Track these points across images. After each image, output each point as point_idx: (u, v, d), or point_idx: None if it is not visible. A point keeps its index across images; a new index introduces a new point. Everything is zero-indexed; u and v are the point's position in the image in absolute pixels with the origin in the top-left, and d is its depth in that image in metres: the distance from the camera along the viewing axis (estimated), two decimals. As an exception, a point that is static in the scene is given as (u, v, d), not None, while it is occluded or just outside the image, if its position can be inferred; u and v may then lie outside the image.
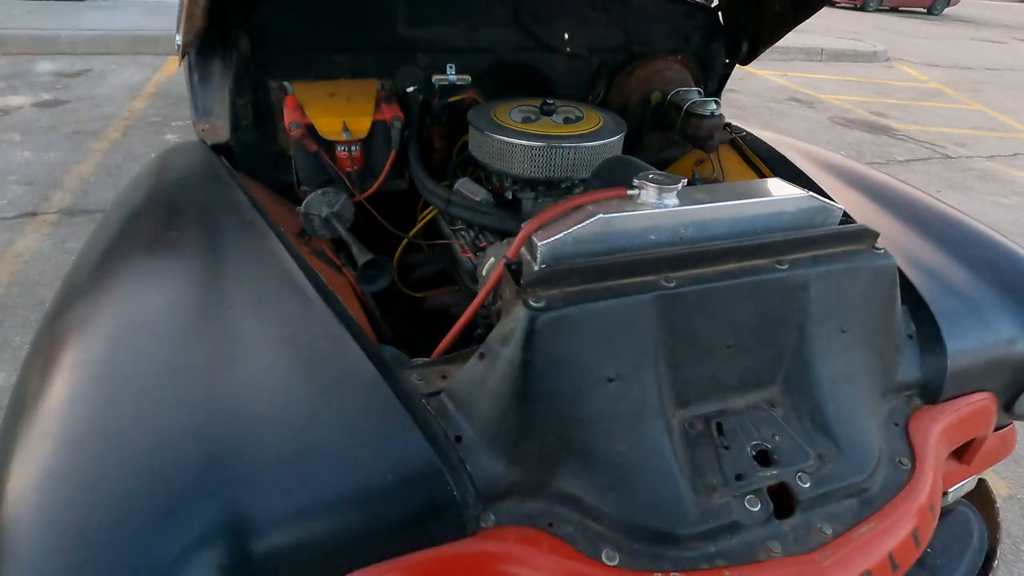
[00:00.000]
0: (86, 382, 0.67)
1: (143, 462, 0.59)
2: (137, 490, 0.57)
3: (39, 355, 0.74)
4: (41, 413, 0.64)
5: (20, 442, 0.62)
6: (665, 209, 0.76)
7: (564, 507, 0.70)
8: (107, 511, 0.55)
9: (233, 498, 0.58)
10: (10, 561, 0.53)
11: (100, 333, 0.74)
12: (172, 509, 0.56)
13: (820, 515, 0.72)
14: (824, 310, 0.80)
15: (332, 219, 1.10)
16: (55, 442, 0.61)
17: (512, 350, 0.67)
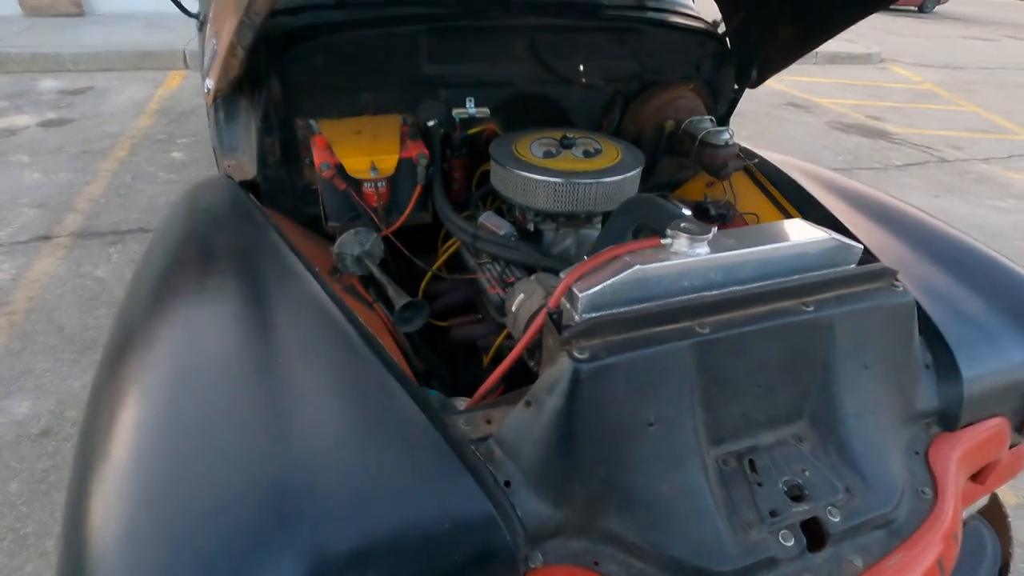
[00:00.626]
0: (152, 438, 0.70)
1: (215, 520, 0.62)
2: (213, 548, 0.60)
3: (103, 408, 0.77)
4: (112, 470, 0.67)
5: (95, 500, 0.65)
6: (697, 258, 0.79)
7: (608, 546, 0.73)
8: (186, 570, 0.58)
9: (303, 551, 0.61)
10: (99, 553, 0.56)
11: (159, 386, 0.77)
12: (248, 563, 0.59)
13: (851, 547, 0.76)
14: (848, 348, 0.84)
15: (364, 257, 1.14)
16: (131, 502, 0.64)
17: (557, 399, 0.71)
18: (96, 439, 0.73)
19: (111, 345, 0.90)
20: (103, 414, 0.76)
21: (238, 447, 0.69)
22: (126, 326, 0.93)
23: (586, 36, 1.44)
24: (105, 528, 0.62)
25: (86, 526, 0.63)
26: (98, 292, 2.34)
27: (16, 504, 1.50)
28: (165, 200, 3.06)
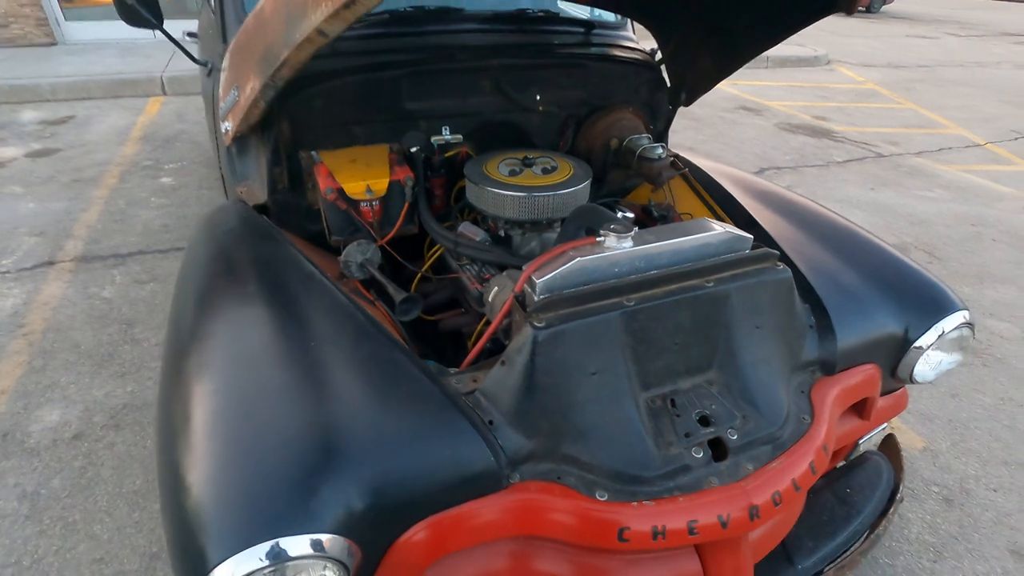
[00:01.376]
0: (222, 406, 0.94)
1: (280, 453, 0.86)
2: (281, 471, 0.84)
3: (176, 389, 1.00)
4: (195, 431, 0.90)
5: (188, 450, 0.89)
6: (623, 250, 1.06)
7: (568, 465, 0.99)
8: (266, 485, 0.83)
9: (346, 474, 0.85)
10: (205, 529, 0.80)
11: (221, 369, 1.01)
12: (309, 481, 0.84)
13: (745, 457, 1.03)
14: (742, 313, 1.12)
15: (366, 264, 1.38)
16: (217, 445, 0.87)
17: (524, 357, 0.97)
18: (176, 412, 0.96)
19: (171, 345, 1.13)
20: (178, 394, 0.99)
21: (291, 407, 0.93)
22: (180, 328, 1.16)
23: (541, 72, 1.71)
24: (201, 468, 0.86)
25: (182, 469, 0.86)
26: (107, 311, 2.52)
27: (61, 497, 1.70)
28: (160, 223, 3.25)
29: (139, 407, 2.03)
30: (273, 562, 0.77)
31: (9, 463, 1.80)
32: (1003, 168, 4.71)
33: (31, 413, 1.99)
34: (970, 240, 3.48)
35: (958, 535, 1.71)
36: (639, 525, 0.93)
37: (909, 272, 1.40)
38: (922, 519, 1.75)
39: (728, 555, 1.03)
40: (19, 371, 2.17)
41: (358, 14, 0.85)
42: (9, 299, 2.57)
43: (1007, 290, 2.97)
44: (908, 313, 1.32)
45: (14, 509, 1.66)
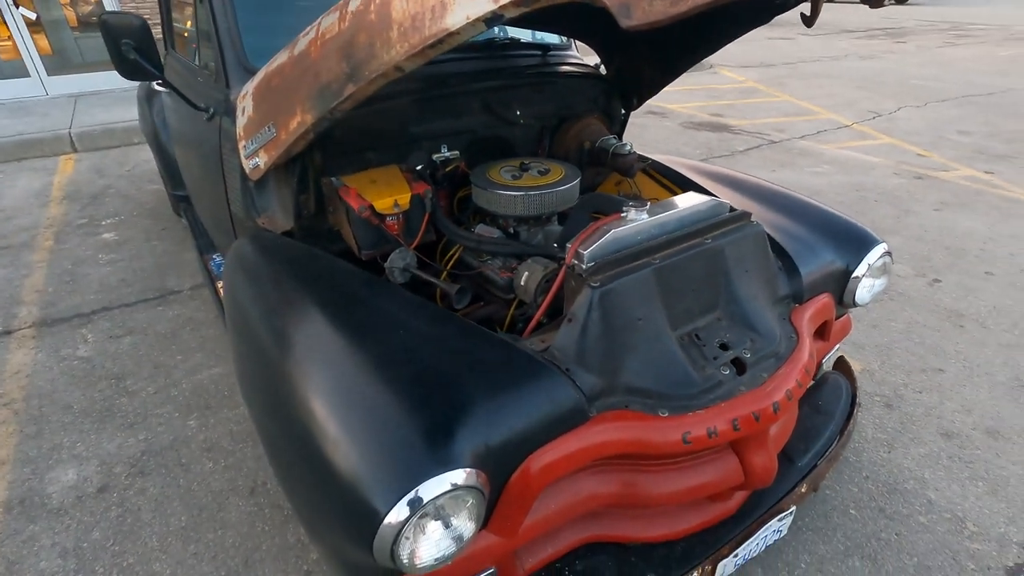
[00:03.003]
0: (344, 388, 1.08)
1: (410, 411, 1.02)
2: (417, 426, 1.00)
3: (291, 400, 1.12)
4: (322, 417, 1.04)
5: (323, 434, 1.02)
6: (644, 220, 1.33)
7: (631, 395, 1.22)
8: (407, 439, 0.99)
9: (469, 421, 1.04)
10: (366, 489, 0.95)
11: (322, 365, 1.14)
12: (443, 431, 1.01)
13: (759, 369, 1.31)
14: (734, 261, 1.41)
15: (408, 267, 1.56)
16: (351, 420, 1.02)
17: (586, 312, 1.19)
18: (292, 411, 1.09)
19: (261, 374, 1.25)
20: (293, 402, 1.11)
21: (404, 383, 1.09)
22: (266, 352, 1.26)
23: (518, 91, 1.97)
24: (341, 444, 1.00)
25: (324, 450, 1.00)
26: (89, 370, 2.46)
27: (107, 547, 1.70)
28: (117, 279, 3.17)
29: (159, 452, 2.03)
30: (430, 499, 0.94)
31: (37, 527, 1.76)
32: (870, 143, 5.55)
33: (43, 476, 1.94)
34: (858, 203, 4.12)
35: (901, 429, 2.11)
36: (697, 429, 1.18)
37: (839, 219, 1.77)
38: (872, 423, 2.14)
39: (758, 449, 1.30)
40: (13, 440, 2.09)
41: (441, 51, 1.05)
42: (-26, 373, 2.44)
43: (894, 239, 3.58)
44: (845, 251, 1.69)
45: (60, 566, 1.64)
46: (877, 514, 1.78)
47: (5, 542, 1.71)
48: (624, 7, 0.79)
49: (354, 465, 0.98)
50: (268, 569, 1.63)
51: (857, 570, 1.62)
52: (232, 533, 1.74)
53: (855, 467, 1.95)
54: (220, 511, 1.81)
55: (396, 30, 1.09)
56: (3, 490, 1.89)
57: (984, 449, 2.02)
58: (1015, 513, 1.79)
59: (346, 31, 1.20)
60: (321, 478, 1.02)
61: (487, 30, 0.98)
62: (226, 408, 2.23)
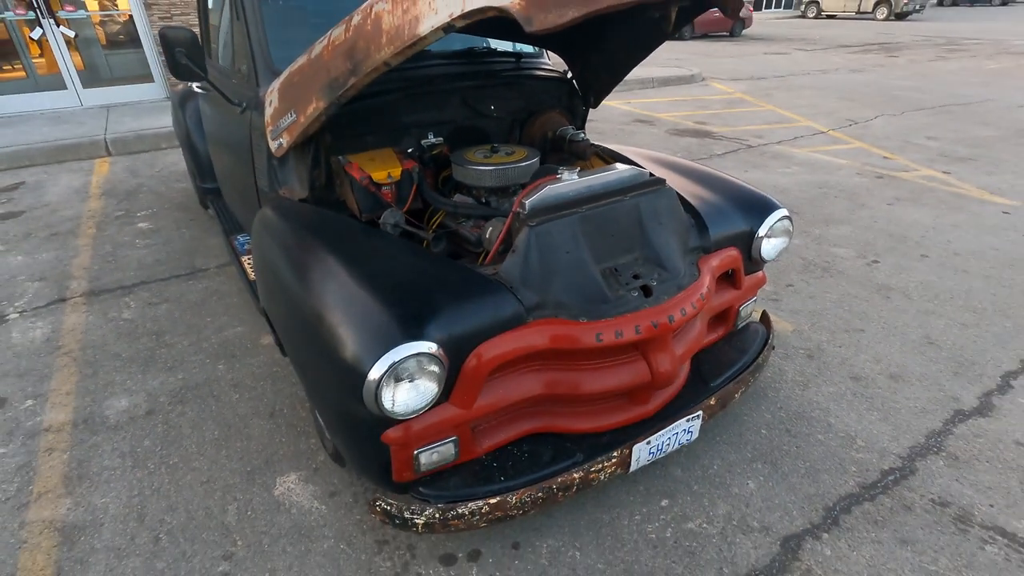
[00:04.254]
0: (344, 283, 1.50)
1: (392, 299, 1.44)
2: (401, 308, 1.42)
3: (297, 309, 1.55)
4: (332, 296, 1.47)
5: (329, 307, 1.45)
6: (574, 180, 1.75)
7: (559, 309, 1.63)
8: (392, 313, 1.40)
9: (437, 312, 1.45)
10: (359, 343, 1.36)
11: (334, 276, 1.57)
12: (418, 315, 1.42)
13: (662, 291, 1.71)
14: (649, 215, 1.82)
15: (399, 223, 1.99)
16: (349, 296, 1.44)
17: (525, 245, 1.61)
18: (310, 303, 1.52)
19: (278, 288, 1.69)
20: (305, 300, 1.54)
21: (390, 282, 1.50)
22: (283, 276, 1.69)
23: (493, 90, 2.41)
24: (342, 312, 1.42)
25: (329, 315, 1.43)
26: (133, 328, 2.90)
27: (156, 451, 2.12)
28: (153, 259, 3.62)
29: (195, 387, 2.45)
30: (401, 360, 1.34)
31: (99, 438, 2.19)
32: (841, 147, 5.94)
33: (101, 404, 2.37)
34: (818, 199, 4.51)
35: (816, 374, 2.49)
36: (607, 332, 1.58)
37: (746, 190, 2.18)
38: (793, 368, 2.52)
39: (660, 352, 1.70)
40: (74, 378, 2.53)
41: (416, 50, 1.48)
42: (37, 330, 2.89)
43: (844, 228, 3.96)
44: (749, 215, 2.09)
45: (120, 464, 2.06)
46: (783, 433, 2.16)
47: (74, 448, 2.13)
48: (527, 19, 1.21)
49: (347, 341, 1.39)
50: (285, 466, 2.04)
51: (759, 471, 2.00)
52: (255, 443, 2.15)
53: (772, 400, 2.33)
54: (245, 428, 2.22)
55: (385, 37, 1.53)
56: (70, 413, 2.32)
57: (884, 389, 2.40)
58: (899, 434, 2.16)
59: (350, 38, 1.64)
60: (323, 353, 1.44)
61: (445, 36, 1.41)
62: (249, 356, 2.65)
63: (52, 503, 1.90)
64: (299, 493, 1.93)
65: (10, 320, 2.98)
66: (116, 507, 1.88)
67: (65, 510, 1.88)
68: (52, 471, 2.03)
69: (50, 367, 2.60)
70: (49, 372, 2.57)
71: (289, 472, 2.01)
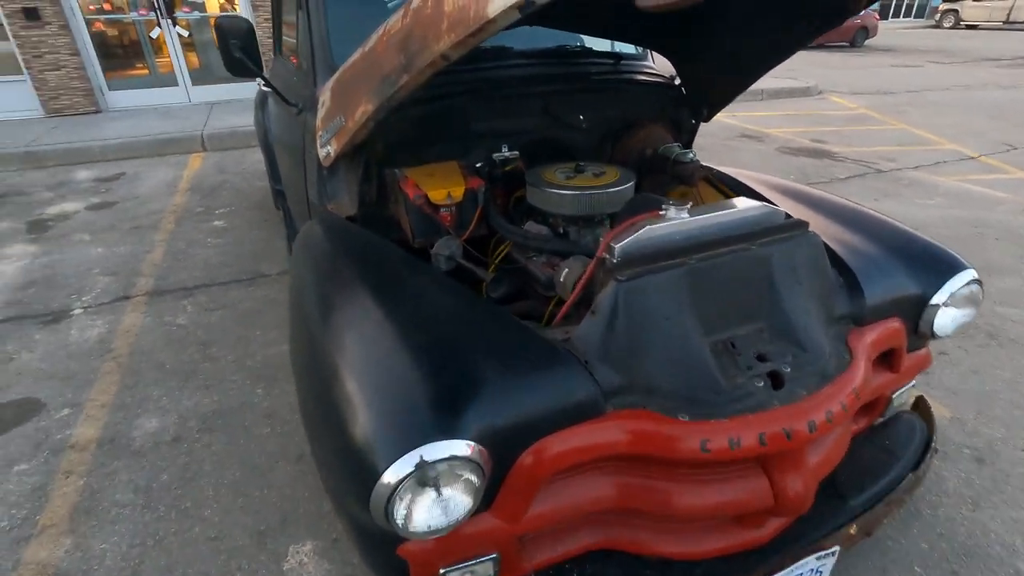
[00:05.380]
0: (371, 355, 1.15)
1: (425, 379, 1.06)
2: (431, 394, 1.04)
3: (322, 364, 1.21)
4: (347, 376, 1.11)
5: (343, 391, 1.09)
6: (683, 219, 1.29)
7: (651, 395, 1.18)
8: (419, 401, 1.03)
9: (480, 397, 1.05)
10: (373, 443, 0.99)
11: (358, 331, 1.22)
12: (453, 401, 1.04)
13: (798, 385, 1.22)
14: (784, 271, 1.33)
15: (453, 256, 1.62)
16: (373, 377, 1.08)
17: (610, 306, 1.18)
18: (323, 368, 1.17)
19: (302, 337, 1.35)
20: (324, 365, 1.19)
21: (426, 354, 1.13)
22: (310, 321, 1.36)
23: (583, 96, 1.99)
24: (356, 401, 1.06)
25: (342, 403, 1.07)
26: (184, 336, 2.76)
27: (171, 489, 1.89)
28: (219, 260, 3.53)
29: (227, 413, 2.23)
30: (427, 464, 0.96)
31: (119, 463, 2.00)
32: (998, 177, 4.97)
33: (131, 422, 2.19)
34: (973, 240, 3.69)
35: (991, 488, 1.85)
36: (718, 438, 1.12)
37: (919, 240, 1.62)
38: (957, 476, 1.90)
39: (791, 471, 1.21)
40: (114, 388, 2.39)
41: (481, 40, 1.11)
42: (95, 329, 2.82)
43: (1012, 280, 3.16)
44: (923, 275, 1.53)
45: (131, 500, 1.85)
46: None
47: (92, 473, 1.95)
48: None
49: (362, 422, 1.03)
50: (302, 530, 1.73)
51: (914, 633, 1.44)
52: (275, 493, 1.86)
53: (928, 522, 1.74)
54: (269, 472, 1.95)
55: (446, 22, 1.16)
56: (99, 429, 2.16)
57: (1098, 523, 1.73)
58: None
59: (406, 26, 1.30)
60: (335, 432, 1.08)
61: (520, 17, 1.02)
62: (289, 382, 2.40)
63: (52, 541, 1.70)
64: (312, 571, 1.60)
65: (73, 316, 2.95)
66: (113, 558, 1.65)
67: (63, 552, 1.67)
68: (64, 500, 1.85)
69: (95, 372, 2.49)
70: (93, 378, 2.45)
71: (305, 540, 1.70)
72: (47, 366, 2.54)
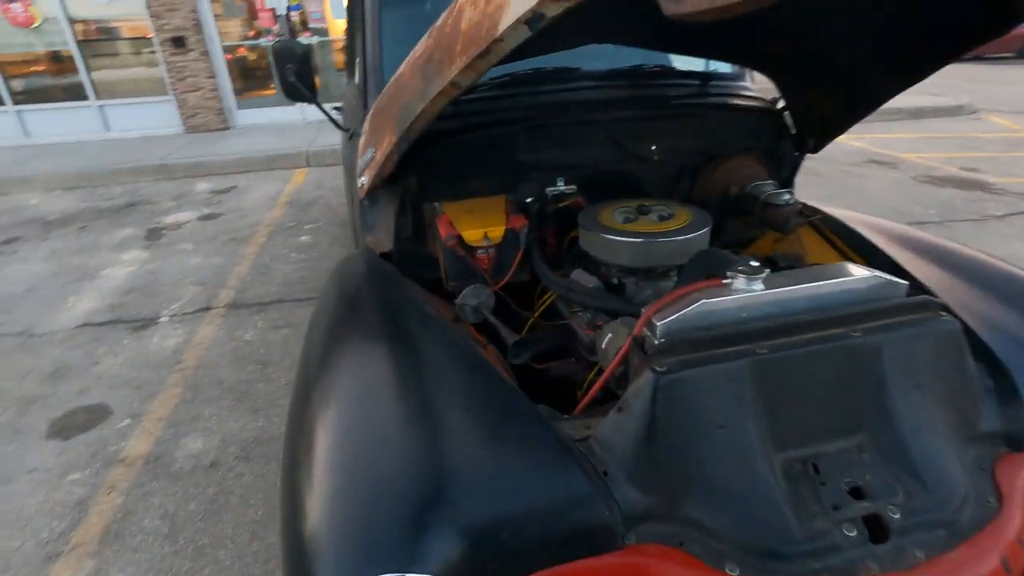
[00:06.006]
0: (339, 441, 0.96)
1: (392, 491, 0.86)
2: (391, 509, 0.83)
3: (301, 426, 1.05)
4: (314, 466, 0.93)
5: (306, 484, 0.91)
6: (755, 292, 0.98)
7: (690, 529, 0.89)
8: (375, 523, 0.82)
9: (450, 519, 0.83)
10: (317, 562, 0.80)
11: (339, 407, 1.04)
12: (417, 520, 0.82)
13: (912, 542, 0.86)
14: (898, 369, 0.97)
15: (480, 308, 1.41)
16: (332, 480, 0.89)
17: (643, 404, 0.90)
18: (300, 447, 1.01)
19: (300, 381, 1.21)
20: (302, 430, 1.04)
21: (404, 443, 0.93)
22: (308, 366, 1.23)
23: (656, 123, 1.71)
24: (319, 492, 0.88)
25: (304, 491, 0.89)
26: (247, 352, 2.80)
27: (195, 520, 1.84)
28: (297, 276, 3.61)
29: (266, 441, 2.18)
30: None
31: (157, 484, 2.00)
32: None
33: (178, 441, 2.21)
34: None
35: None
36: (779, 610, 0.80)
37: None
38: None
39: (897, 664, 0.85)
40: (173, 401, 2.44)
41: (490, 63, 0.91)
42: (173, 339, 2.95)
43: None
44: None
45: (157, 528, 1.82)
46: None
47: (131, 492, 1.97)
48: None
49: (316, 531, 0.84)
50: (306, 591, 1.59)
51: None
52: (291, 541, 1.75)
53: None
54: (290, 515, 1.84)
55: (461, 42, 0.97)
56: (150, 444, 2.20)
57: None
58: None
59: (429, 48, 1.12)
60: (290, 526, 0.91)
61: (530, 34, 0.80)
62: (333, 413, 2.32)
63: (76, 563, 1.71)
64: (305, 644, 1.45)
65: (159, 323, 3.12)
66: (123, 592, 1.61)
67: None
68: (99, 518, 1.87)
69: (162, 383, 2.57)
70: (158, 390, 2.53)
71: (306, 604, 1.55)
72: (124, 372, 2.67)
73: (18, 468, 2.10)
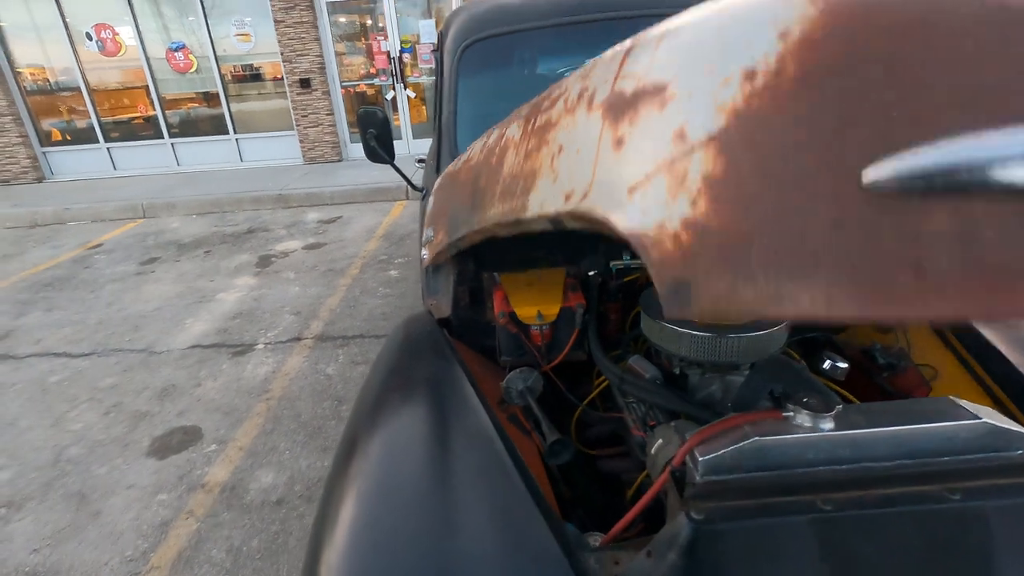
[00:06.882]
0: (360, 533, 0.95)
1: None
2: None
3: (333, 493, 1.05)
4: (335, 541, 0.92)
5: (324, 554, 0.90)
6: (821, 433, 0.84)
7: None
8: None
9: None
10: None
11: (368, 485, 1.04)
12: None
13: None
14: (1015, 545, 0.78)
15: (526, 392, 1.35)
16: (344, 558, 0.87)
17: (674, 555, 0.79)
18: (328, 516, 1.01)
19: (342, 446, 1.22)
20: (333, 498, 1.04)
21: (416, 551, 0.90)
22: (352, 433, 1.24)
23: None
24: None
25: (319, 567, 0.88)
26: (327, 387, 2.93)
27: (255, 558, 1.92)
28: (381, 312, 3.76)
29: (329, 483, 2.25)
30: None
31: (228, 515, 2.12)
32: None
33: (253, 472, 2.34)
34: None
35: None
36: None
37: None
38: None
39: None
40: (255, 431, 2.61)
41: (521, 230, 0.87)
42: (264, 367, 3.17)
43: None
44: None
45: (221, 560, 1.92)
46: None
47: (205, 520, 2.10)
48: (672, 283, 0.48)
49: None
50: (343, 654, 1.59)
51: None
52: (337, 596, 1.77)
53: None
54: (339, 567, 1.87)
55: (500, 185, 0.95)
56: (229, 472, 2.35)
57: None
58: None
59: (480, 163, 1.11)
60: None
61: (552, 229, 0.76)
62: (394, 460, 2.35)
63: (150, 586, 1.84)
64: None
65: (256, 350, 3.37)
66: (182, 624, 1.71)
67: (153, 601, 1.79)
68: (176, 542, 2.01)
69: (248, 412, 2.76)
70: (244, 417, 2.72)
71: (341, 669, 1.55)
72: (219, 397, 2.91)
73: (120, 483, 2.33)
